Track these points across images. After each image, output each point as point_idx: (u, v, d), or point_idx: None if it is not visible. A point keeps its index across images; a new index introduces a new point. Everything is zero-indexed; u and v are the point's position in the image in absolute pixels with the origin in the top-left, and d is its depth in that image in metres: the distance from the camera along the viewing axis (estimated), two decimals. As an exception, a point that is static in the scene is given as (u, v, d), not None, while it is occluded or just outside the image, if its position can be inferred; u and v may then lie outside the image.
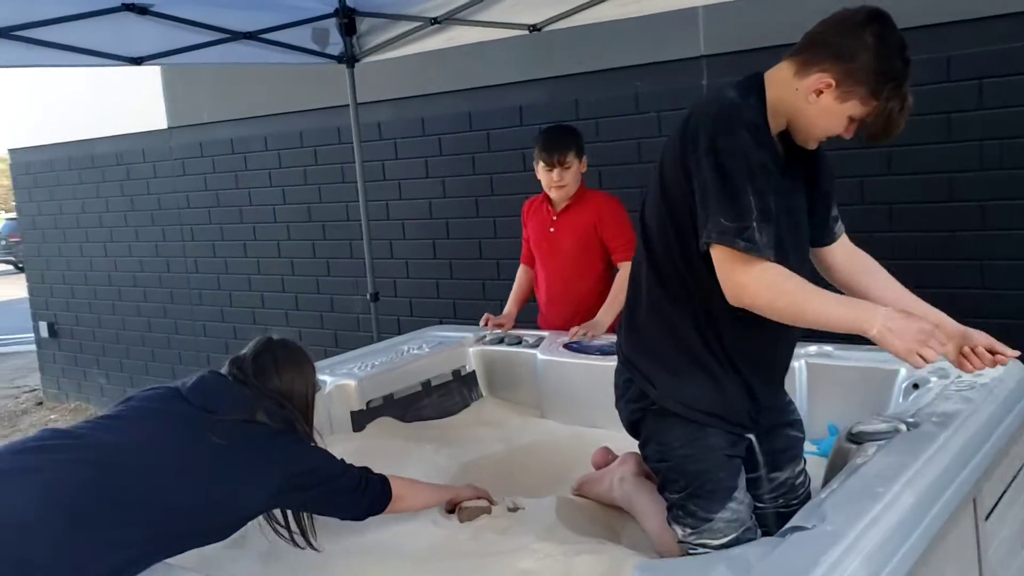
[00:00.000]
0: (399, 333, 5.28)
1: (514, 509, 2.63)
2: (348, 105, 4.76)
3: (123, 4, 3.71)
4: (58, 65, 3.74)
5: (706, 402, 2.11)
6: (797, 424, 2.40)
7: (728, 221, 1.86)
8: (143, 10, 3.79)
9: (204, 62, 4.30)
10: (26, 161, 7.90)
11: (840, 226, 2.29)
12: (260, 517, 2.29)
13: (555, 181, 3.62)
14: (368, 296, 4.89)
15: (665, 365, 2.14)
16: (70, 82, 6.94)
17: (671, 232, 2.05)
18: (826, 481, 2.27)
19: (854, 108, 1.94)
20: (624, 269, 3.58)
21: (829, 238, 2.27)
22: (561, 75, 4.76)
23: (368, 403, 3.39)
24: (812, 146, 2.07)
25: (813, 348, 3.09)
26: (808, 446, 3.00)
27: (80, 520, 1.85)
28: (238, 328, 6.60)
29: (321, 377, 3.33)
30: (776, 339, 2.16)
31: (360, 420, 3.36)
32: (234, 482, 2.09)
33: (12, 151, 7.97)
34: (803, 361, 3.05)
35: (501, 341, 3.80)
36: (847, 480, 2.00)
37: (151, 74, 6.59)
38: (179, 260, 6.88)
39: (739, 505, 2.13)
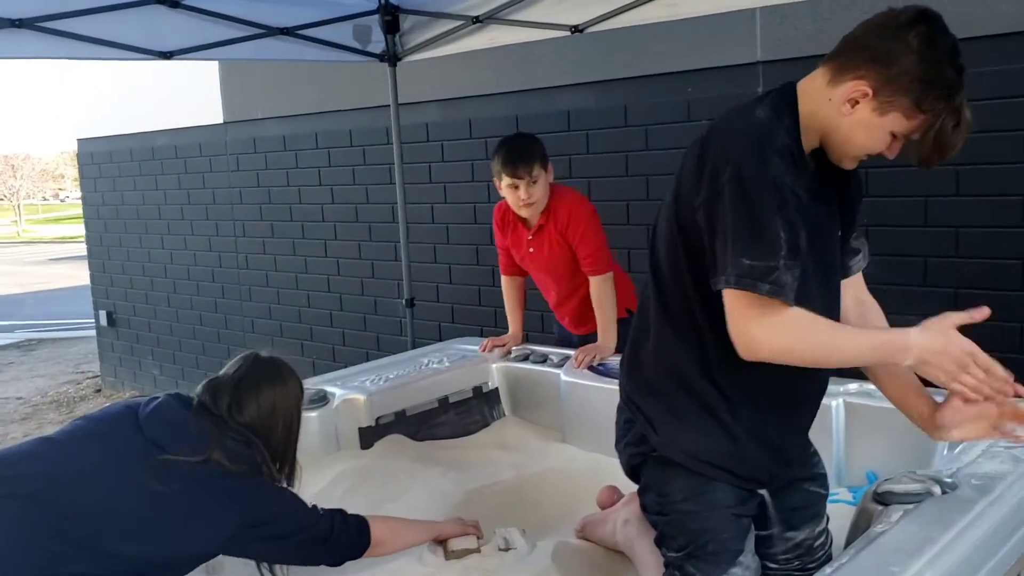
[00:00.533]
0: (440, 339, 5.15)
1: (506, 549, 2.44)
2: (399, 104, 4.62)
3: (154, -3, 3.63)
4: (85, 58, 3.68)
5: (714, 453, 1.88)
6: (819, 479, 2.14)
7: (752, 261, 1.60)
8: (174, 3, 3.70)
9: (237, 57, 4.20)
10: (91, 151, 8.01)
11: (859, 261, 2.00)
12: None
13: (524, 199, 3.31)
14: (404, 301, 4.74)
15: (670, 408, 1.91)
16: (134, 74, 6.98)
17: (684, 265, 1.80)
18: (848, 543, 2.03)
19: (896, 122, 1.67)
20: (595, 282, 3.34)
21: (841, 272, 1.97)
22: (610, 79, 4.54)
23: (378, 419, 3.24)
24: (849, 166, 1.80)
25: (853, 386, 2.81)
26: (844, 494, 2.76)
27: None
28: (284, 326, 6.54)
29: (330, 390, 3.22)
30: (800, 385, 1.92)
31: (368, 437, 3.21)
32: (174, 532, 1.94)
33: (80, 140, 8.08)
34: (841, 400, 2.79)
35: (527, 358, 3.61)
36: (861, 552, 1.76)
37: (209, 68, 6.59)
38: (231, 255, 6.86)
39: (744, 571, 1.90)
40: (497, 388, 3.62)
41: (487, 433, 3.49)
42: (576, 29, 3.82)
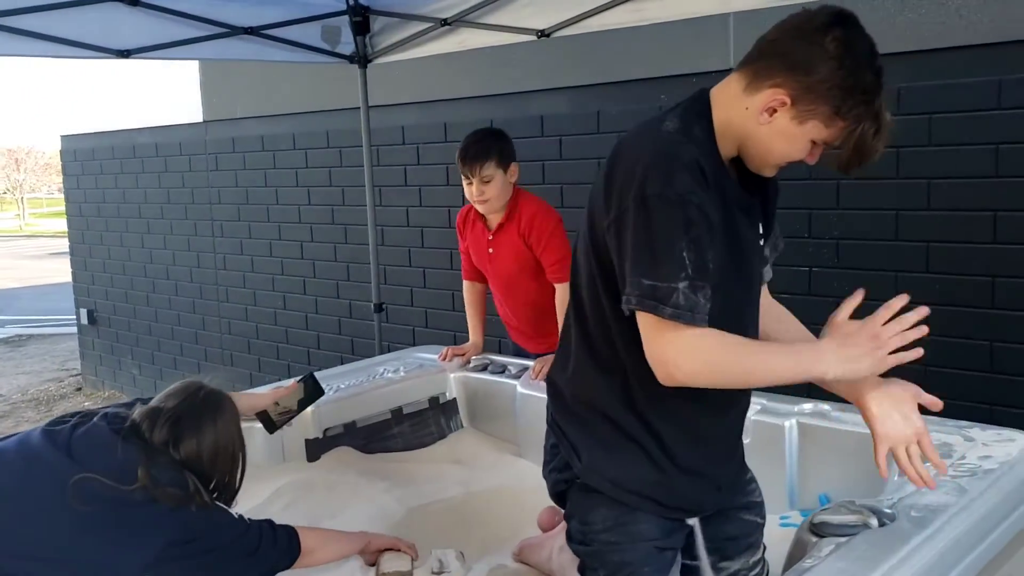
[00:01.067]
0: (413, 344, 5.07)
1: (439, 573, 2.36)
2: (375, 106, 4.55)
3: (111, -6, 3.55)
4: (42, 56, 3.60)
5: (638, 482, 1.78)
6: (755, 507, 2.04)
7: (654, 282, 1.52)
8: (134, 1, 3.63)
9: (199, 57, 4.12)
10: (74, 148, 7.95)
11: (769, 269, 1.91)
12: None
13: (476, 195, 3.27)
14: (372, 306, 4.66)
15: (592, 435, 1.81)
16: (117, 71, 6.92)
17: (600, 288, 1.71)
18: (783, 574, 1.94)
19: (816, 130, 1.59)
20: (560, 290, 3.25)
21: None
22: (583, 84, 4.46)
23: (325, 431, 3.16)
24: (769, 174, 1.71)
25: (808, 406, 2.73)
26: (796, 517, 2.67)
27: None
28: (260, 328, 6.47)
29: (278, 400, 3.11)
30: (726, 409, 1.84)
31: (315, 449, 3.13)
32: (92, 557, 1.85)
33: (63, 137, 8.02)
34: (795, 420, 2.70)
35: (485, 368, 3.52)
36: (783, 590, 1.67)
37: (190, 66, 6.52)
38: (209, 255, 6.80)
39: None
40: (455, 399, 3.53)
41: (442, 446, 3.40)
42: (543, 33, 3.74)
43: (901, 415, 1.68)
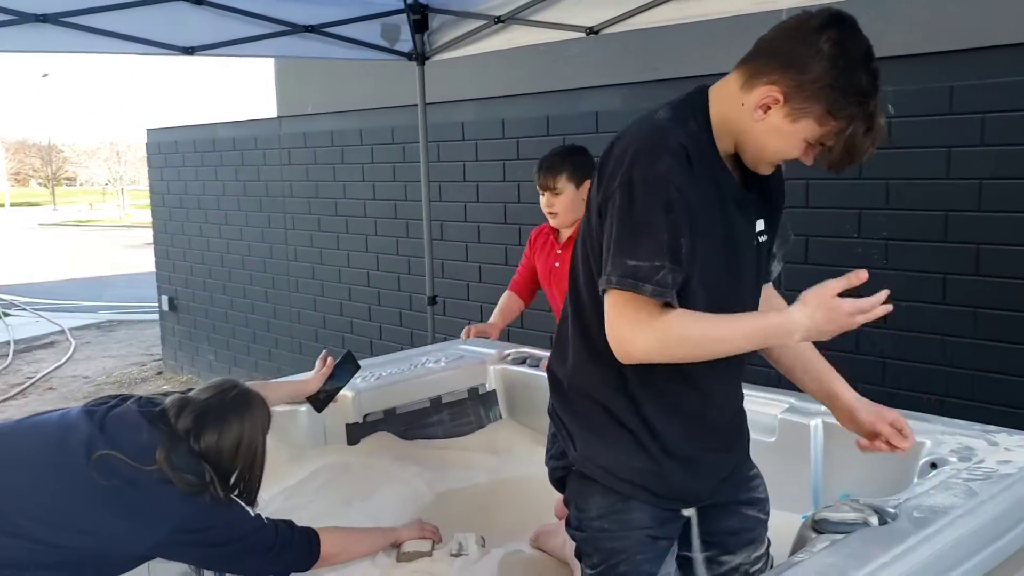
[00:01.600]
0: (469, 338, 5.16)
1: (458, 555, 2.43)
2: (436, 103, 4.67)
3: (177, -7, 3.73)
4: (108, 52, 3.79)
5: (631, 471, 1.83)
6: (758, 503, 2.06)
7: (637, 261, 1.58)
8: (199, 0, 3.80)
9: (260, 54, 4.27)
10: (158, 141, 8.28)
11: (777, 265, 1.94)
12: None
13: (546, 207, 3.30)
14: (426, 299, 4.76)
15: (588, 424, 1.87)
16: (200, 68, 7.20)
17: (595, 274, 1.75)
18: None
19: (809, 129, 1.62)
20: None
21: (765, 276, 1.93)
22: (635, 81, 4.47)
23: (365, 416, 3.25)
24: (765, 171, 1.75)
25: (836, 406, 2.70)
26: (819, 516, 2.66)
27: None
28: (328, 319, 6.66)
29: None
30: (721, 397, 1.88)
31: (355, 433, 3.23)
32: (104, 528, 1.98)
33: (149, 131, 8.37)
34: (820, 420, 2.68)
35: (524, 361, 3.58)
36: (767, 581, 1.69)
37: (266, 63, 6.75)
38: (281, 247, 7.02)
39: None
40: (494, 390, 3.59)
41: (479, 435, 3.46)
42: (591, 31, 3.78)
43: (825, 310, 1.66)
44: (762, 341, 1.70)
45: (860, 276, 1.63)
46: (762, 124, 1.64)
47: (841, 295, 1.63)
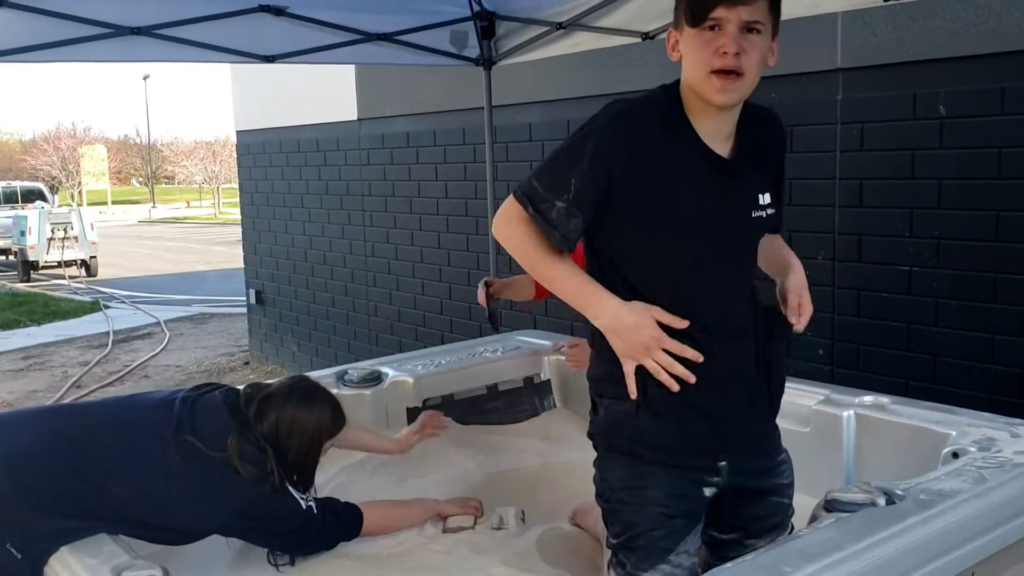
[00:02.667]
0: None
1: (499, 528, 2.62)
2: (505, 105, 4.86)
3: (260, 6, 4.00)
4: (196, 61, 4.09)
5: (651, 432, 1.92)
6: (784, 489, 2.12)
7: (538, 184, 1.85)
8: (279, 11, 4.06)
9: (335, 61, 4.53)
10: (247, 142, 8.68)
11: (775, 217, 2.02)
12: None
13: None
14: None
15: (606, 392, 1.99)
16: (285, 72, 7.52)
17: (595, 244, 1.94)
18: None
19: (683, 22, 1.83)
20: None
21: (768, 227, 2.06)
22: (694, 83, 4.57)
23: (425, 401, 3.47)
24: (718, 99, 1.81)
25: (868, 398, 2.81)
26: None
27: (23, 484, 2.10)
28: (402, 312, 6.92)
29: (384, 370, 3.48)
30: (722, 344, 1.92)
31: (415, 417, 3.44)
32: (172, 502, 2.23)
33: (239, 132, 8.78)
34: (852, 412, 2.79)
35: (578, 353, 3.75)
36: (767, 552, 1.84)
37: (347, 69, 7.03)
38: (359, 244, 7.31)
39: (674, 570, 1.94)
40: (549, 380, 3.77)
41: (533, 423, 3.65)
42: (647, 36, 3.92)
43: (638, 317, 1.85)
44: (579, 305, 1.88)
45: (681, 323, 1.84)
46: (681, 56, 1.86)
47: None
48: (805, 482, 2.25)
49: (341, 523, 2.46)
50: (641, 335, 1.81)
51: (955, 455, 2.39)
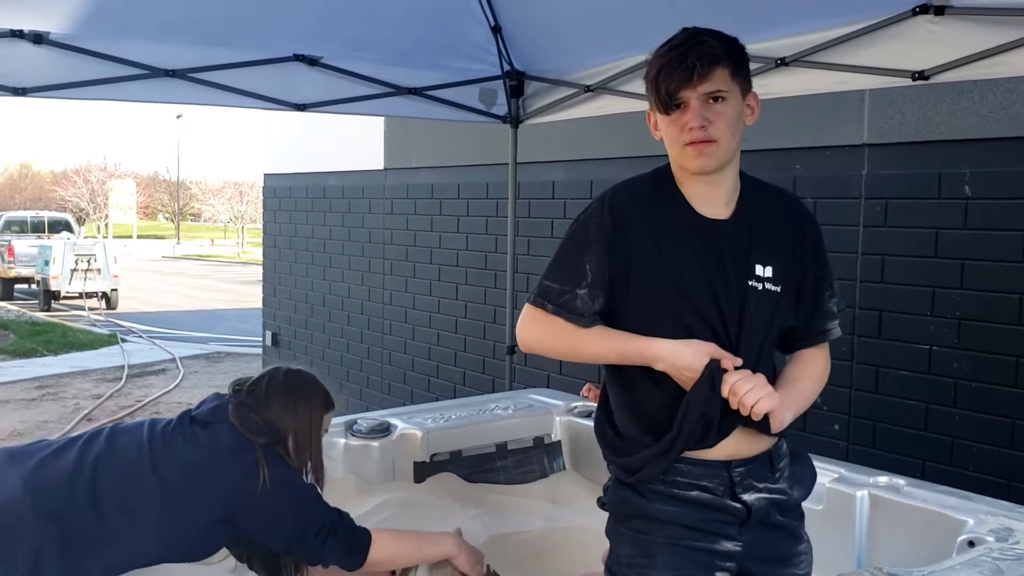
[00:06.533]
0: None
1: None
2: (529, 162, 4.91)
3: (295, 55, 4.07)
4: (228, 106, 4.15)
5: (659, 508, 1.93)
6: None
7: (549, 282, 1.91)
8: (313, 62, 4.13)
9: (365, 113, 4.59)
10: (274, 185, 8.79)
11: (832, 328, 2.05)
12: None
13: None
14: (506, 348, 4.95)
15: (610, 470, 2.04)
16: (316, 121, 7.64)
17: None
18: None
19: (656, 112, 1.93)
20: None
21: (803, 339, 2.05)
22: (719, 151, 4.60)
23: (433, 456, 3.43)
24: (690, 163, 1.89)
25: (883, 479, 2.75)
26: (862, 588, 2.70)
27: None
28: (416, 361, 6.91)
29: (393, 422, 3.45)
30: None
31: (422, 472, 3.41)
32: (182, 494, 2.22)
33: (266, 175, 8.89)
34: (867, 492, 2.73)
35: (590, 415, 3.71)
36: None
37: (376, 120, 7.13)
38: (378, 291, 7.34)
39: None
40: (559, 441, 3.73)
41: (541, 484, 3.59)
42: (674, 103, 3.95)
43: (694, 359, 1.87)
44: (621, 358, 1.91)
45: (735, 360, 1.83)
46: (663, 137, 1.94)
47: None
48: (815, 561, 2.20)
49: (350, 537, 2.38)
50: (703, 349, 1.84)
51: (971, 544, 2.34)
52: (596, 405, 2.14)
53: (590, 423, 3.62)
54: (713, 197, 1.92)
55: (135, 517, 2.20)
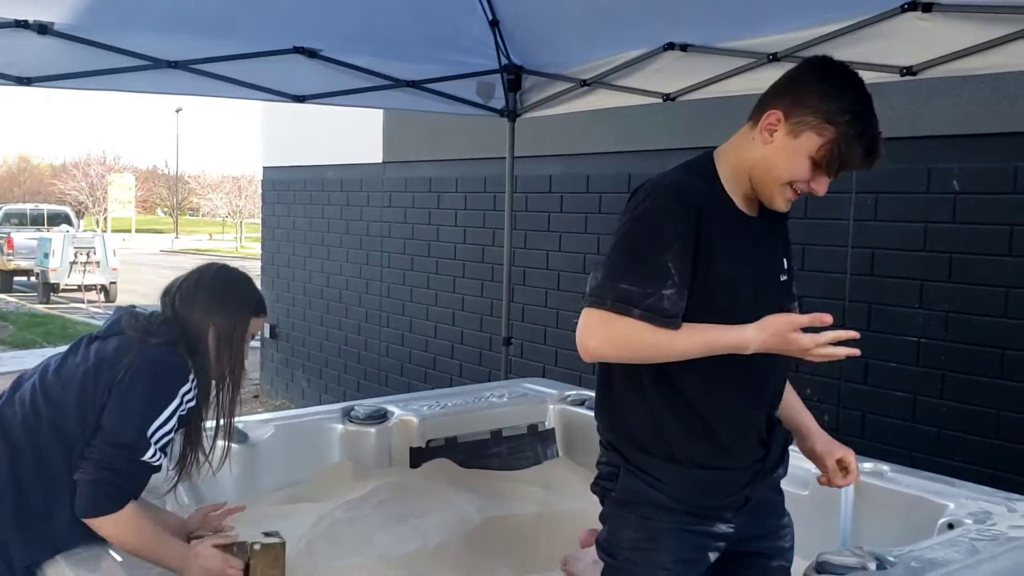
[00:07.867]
0: (543, 381, 5.38)
1: None
2: (527, 157, 4.96)
3: (294, 47, 4.12)
4: (228, 97, 4.19)
5: (673, 491, 1.97)
6: (783, 553, 2.15)
7: (627, 285, 1.81)
8: (312, 54, 4.18)
9: (363, 105, 4.64)
10: (273, 179, 8.84)
11: (794, 309, 2.07)
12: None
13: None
14: (502, 339, 5.01)
15: (626, 456, 2.03)
16: (314, 113, 7.68)
17: None
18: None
19: (810, 142, 1.82)
20: None
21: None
22: (711, 146, 4.64)
23: (428, 442, 3.50)
24: (780, 205, 1.92)
25: (868, 465, 2.82)
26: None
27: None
28: (413, 354, 6.97)
29: (391, 409, 3.52)
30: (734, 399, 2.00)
31: (417, 457, 3.48)
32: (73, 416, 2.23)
33: (265, 168, 8.94)
34: (852, 477, 2.79)
35: (583, 403, 3.78)
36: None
37: (375, 112, 7.17)
38: (376, 284, 7.40)
39: None
40: (553, 429, 3.80)
41: (535, 471, 3.66)
42: (668, 97, 4.01)
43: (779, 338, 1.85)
44: (707, 350, 1.86)
45: (824, 319, 1.79)
46: (770, 146, 1.86)
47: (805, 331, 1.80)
48: (801, 544, 2.26)
49: (113, 491, 2.16)
50: (791, 348, 1.83)
51: (950, 526, 2.41)
52: (598, 424, 2.12)
53: (583, 411, 3.73)
54: (748, 198, 1.96)
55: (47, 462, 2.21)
